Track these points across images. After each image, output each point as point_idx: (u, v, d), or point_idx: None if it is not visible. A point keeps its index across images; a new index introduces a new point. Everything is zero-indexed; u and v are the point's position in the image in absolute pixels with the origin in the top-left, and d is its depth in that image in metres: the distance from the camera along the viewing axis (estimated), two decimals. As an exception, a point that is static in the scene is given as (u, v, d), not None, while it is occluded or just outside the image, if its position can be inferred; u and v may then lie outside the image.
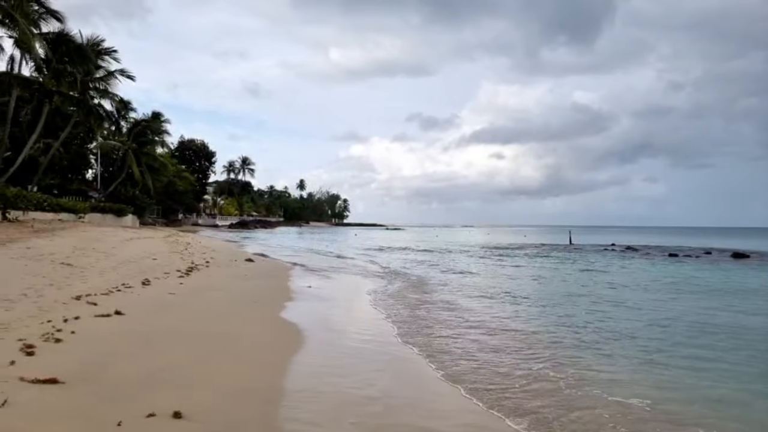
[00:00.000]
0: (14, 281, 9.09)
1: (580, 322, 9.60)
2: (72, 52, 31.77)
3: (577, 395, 5.38)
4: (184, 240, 29.05)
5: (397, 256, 29.98)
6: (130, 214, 47.62)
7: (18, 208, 25.54)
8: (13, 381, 4.31)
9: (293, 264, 20.62)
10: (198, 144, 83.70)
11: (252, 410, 4.33)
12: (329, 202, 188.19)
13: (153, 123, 53.60)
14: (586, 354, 7.18)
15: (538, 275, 19.74)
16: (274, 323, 8.19)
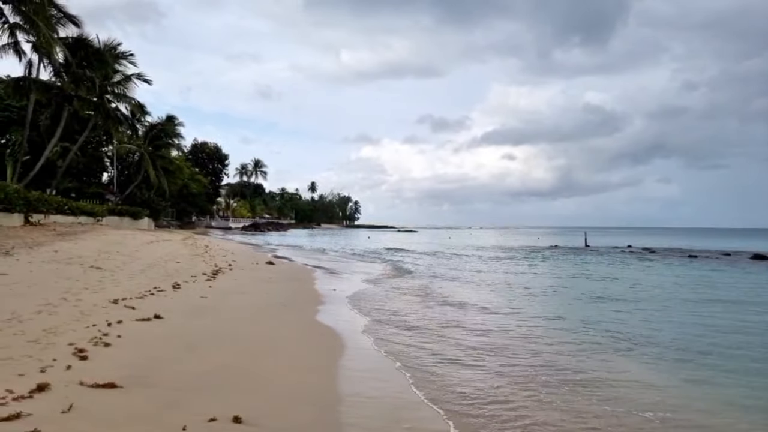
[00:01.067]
0: (51, 285, 9.19)
1: (638, 336, 8.63)
2: (90, 57, 32.13)
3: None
4: (202, 243, 29.23)
5: (415, 260, 29.91)
6: (145, 216, 48.08)
7: (39, 212, 25.83)
8: (73, 386, 4.36)
9: (314, 267, 20.67)
10: (211, 147, 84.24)
11: (310, 415, 4.34)
12: (340, 204, 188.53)
13: (167, 126, 54.03)
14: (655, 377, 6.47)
15: (569, 283, 18.54)
16: (311, 327, 8.21)
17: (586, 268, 24.08)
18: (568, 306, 12.33)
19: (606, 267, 25.14)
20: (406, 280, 17.81)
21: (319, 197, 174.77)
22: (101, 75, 33.71)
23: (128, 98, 37.17)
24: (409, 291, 14.43)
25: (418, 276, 19.27)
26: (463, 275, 19.61)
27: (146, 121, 50.89)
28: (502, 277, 19.73)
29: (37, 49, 31.23)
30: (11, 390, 4.06)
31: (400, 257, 30.87)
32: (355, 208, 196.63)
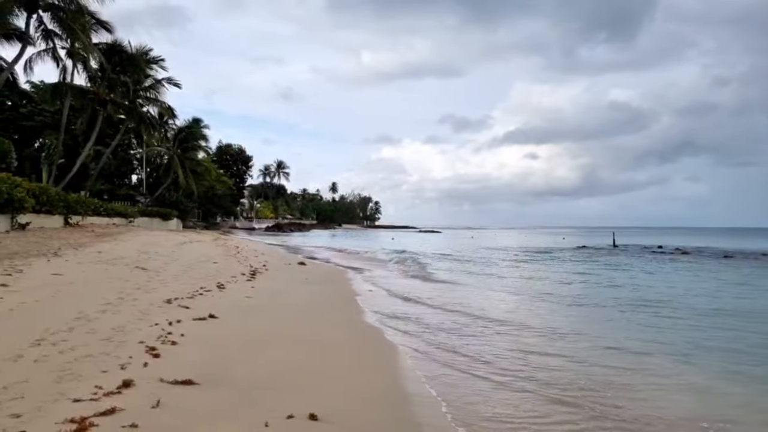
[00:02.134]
0: (105, 285, 9.52)
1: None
2: (124, 62, 32.99)
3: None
4: (232, 243, 29.71)
5: (441, 260, 29.92)
6: (174, 218, 49.04)
7: (77, 213, 26.59)
8: (155, 382, 4.56)
9: (345, 267, 20.87)
10: (235, 149, 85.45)
11: (383, 413, 4.47)
12: (360, 204, 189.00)
13: (194, 128, 55.02)
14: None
15: (610, 284, 17.65)
16: (359, 327, 8.36)
17: (623, 271, 23.73)
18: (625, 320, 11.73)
19: (641, 269, 24.73)
20: (434, 282, 17.88)
21: (339, 198, 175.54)
22: (134, 80, 34.56)
23: (159, 102, 38.02)
24: (439, 292, 14.50)
25: (448, 276, 19.31)
26: (501, 282, 19.48)
27: (174, 124, 52.01)
28: (547, 285, 19.60)
29: (72, 55, 32.23)
30: (100, 386, 4.28)
31: (425, 257, 30.90)
32: (375, 208, 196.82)
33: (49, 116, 40.32)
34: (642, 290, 15.72)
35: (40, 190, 21.30)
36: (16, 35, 29.29)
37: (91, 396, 4.07)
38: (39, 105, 41.02)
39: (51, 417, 3.61)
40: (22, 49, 27.95)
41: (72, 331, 5.90)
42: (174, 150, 50.83)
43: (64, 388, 4.17)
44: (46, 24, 29.34)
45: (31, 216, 19.32)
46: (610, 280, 19.03)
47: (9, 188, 17.07)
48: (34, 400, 3.87)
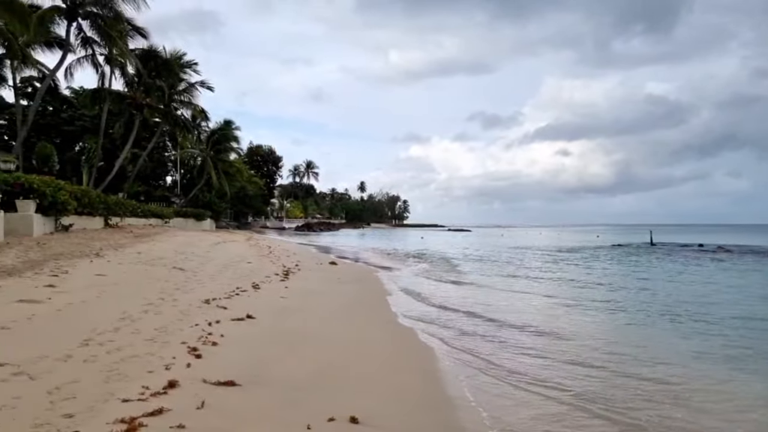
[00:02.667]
0: (146, 286, 9.78)
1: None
2: (159, 67, 33.87)
3: None
4: (264, 243, 30.15)
5: (474, 265, 29.67)
6: (208, 218, 50.04)
7: (116, 215, 27.39)
8: (198, 383, 4.65)
9: (376, 267, 20.95)
10: (266, 150, 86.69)
11: (424, 417, 4.46)
12: (389, 203, 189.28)
13: (226, 130, 56.04)
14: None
15: (650, 286, 17.11)
16: (394, 328, 8.37)
17: (663, 272, 23.06)
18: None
19: (682, 269, 23.91)
20: (465, 284, 17.75)
21: (368, 197, 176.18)
22: (169, 84, 35.43)
23: (192, 105, 38.89)
24: (470, 294, 14.38)
25: (480, 278, 19.14)
26: (535, 284, 19.20)
27: (207, 127, 53.09)
28: (585, 289, 19.24)
29: (110, 61, 33.25)
30: (147, 386, 4.39)
31: (455, 257, 30.71)
32: (404, 207, 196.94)
33: (88, 121, 41.75)
34: (684, 292, 15.22)
35: (81, 192, 21.99)
36: (57, 43, 30.42)
37: (139, 396, 4.18)
38: (79, 110, 42.52)
39: (102, 417, 3.72)
40: (63, 56, 28.99)
41: (117, 332, 6.07)
42: (207, 152, 51.90)
43: (112, 388, 4.29)
44: (85, 31, 30.38)
45: (73, 218, 19.97)
46: (650, 281, 18.50)
47: (53, 191, 17.68)
48: (85, 400, 3.99)
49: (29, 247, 12.82)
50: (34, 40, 28.23)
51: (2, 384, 4.16)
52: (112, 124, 39.01)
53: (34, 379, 4.34)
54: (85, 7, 28.34)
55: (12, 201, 15.81)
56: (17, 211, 15.93)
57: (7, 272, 9.40)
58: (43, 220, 17.22)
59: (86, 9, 28.58)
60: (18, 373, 4.43)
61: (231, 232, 46.39)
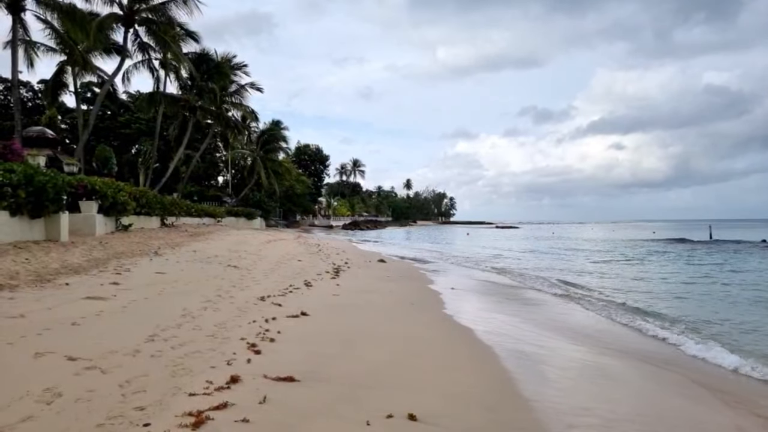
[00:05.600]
0: (204, 283, 10.08)
1: None
2: (211, 70, 34.91)
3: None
4: (313, 242, 30.58)
5: (520, 254, 29.11)
6: (258, 217, 51.26)
7: (172, 215, 28.45)
8: (259, 378, 4.72)
9: (423, 264, 20.86)
10: (313, 149, 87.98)
11: (486, 416, 4.35)
12: (435, 200, 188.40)
13: (275, 131, 57.21)
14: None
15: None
16: (450, 326, 8.25)
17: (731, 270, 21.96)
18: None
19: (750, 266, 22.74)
20: (516, 286, 17.40)
21: (414, 194, 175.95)
22: (220, 86, 36.47)
23: (243, 106, 39.89)
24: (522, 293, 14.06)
25: (531, 274, 18.74)
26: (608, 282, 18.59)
27: (257, 127, 54.37)
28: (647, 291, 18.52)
29: (165, 66, 34.54)
30: (211, 381, 4.49)
31: (505, 254, 30.20)
32: (450, 204, 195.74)
33: (144, 124, 43.60)
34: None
35: (140, 193, 22.97)
36: (115, 49, 31.88)
37: (204, 390, 4.27)
38: (135, 113, 44.43)
39: (171, 410, 3.82)
40: (121, 61, 30.33)
41: (180, 328, 6.26)
42: (257, 152, 53.19)
43: (179, 383, 4.41)
44: (141, 37, 31.65)
45: (132, 218, 20.88)
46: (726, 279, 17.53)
47: (113, 192, 18.52)
48: (155, 394, 4.11)
49: (93, 246, 13.46)
50: (94, 46, 29.66)
51: (76, 378, 4.35)
52: (167, 127, 40.56)
53: (106, 373, 4.52)
54: (140, 14, 29.54)
55: (76, 202, 16.64)
56: (80, 212, 16.77)
57: (74, 270, 9.89)
58: (105, 220, 18.06)
59: (142, 15, 29.77)
60: (90, 367, 4.62)
61: (280, 231, 47.37)
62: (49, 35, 28.99)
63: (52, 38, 29.31)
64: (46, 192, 12.86)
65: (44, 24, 27.73)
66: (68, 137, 43.33)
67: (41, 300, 7.24)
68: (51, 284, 8.42)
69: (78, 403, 3.83)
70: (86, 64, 29.89)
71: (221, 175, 60.79)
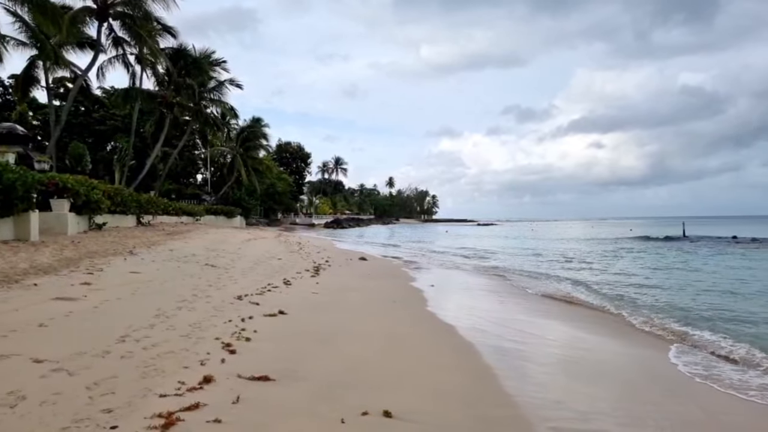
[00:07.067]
0: (179, 282, 9.89)
1: None
2: (189, 65, 34.36)
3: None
4: (294, 240, 30.35)
5: (493, 248, 29.35)
6: (238, 215, 50.72)
7: (149, 213, 27.96)
8: (233, 378, 4.62)
9: (404, 262, 20.85)
10: (294, 147, 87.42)
11: (460, 412, 4.33)
12: (418, 198, 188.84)
13: (256, 128, 56.64)
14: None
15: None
16: (431, 324, 8.21)
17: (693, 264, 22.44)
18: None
19: (718, 262, 23.28)
20: (493, 276, 17.51)
21: (397, 192, 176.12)
22: (198, 82, 35.95)
23: (222, 103, 39.38)
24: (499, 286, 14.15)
25: (506, 265, 18.87)
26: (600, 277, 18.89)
27: (237, 124, 53.79)
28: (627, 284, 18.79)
29: (141, 61, 33.88)
30: (183, 382, 4.38)
31: (485, 252, 30.41)
32: (432, 202, 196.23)
33: (119, 120, 42.77)
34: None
35: (114, 191, 22.51)
36: (89, 43, 31.15)
37: (176, 391, 4.17)
38: (110, 110, 43.55)
39: (140, 412, 3.71)
40: (95, 56, 29.65)
41: (153, 328, 6.11)
42: (236, 149, 52.58)
43: (150, 384, 4.29)
44: (116, 31, 31.01)
45: (106, 216, 20.45)
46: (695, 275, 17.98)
47: (87, 190, 18.10)
48: (123, 395, 3.99)
49: (64, 246, 13.13)
50: (66, 40, 28.93)
51: (42, 380, 4.21)
52: (143, 123, 39.84)
53: (73, 375, 4.38)
54: (115, 8, 28.92)
55: (47, 200, 16.23)
56: (52, 211, 16.36)
57: (44, 270, 9.62)
58: (77, 219, 17.65)
59: (116, 9, 29.15)
60: (57, 369, 4.48)
61: (261, 229, 46.94)
62: (20, 29, 28.16)
63: (23, 32, 28.48)
64: (15, 190, 12.49)
65: (14, 17, 26.94)
66: (40, 134, 42.24)
67: (8, 301, 7.02)
68: (19, 285, 8.16)
69: (43, 406, 3.70)
70: (58, 58, 29.09)
71: (200, 172, 60.01)
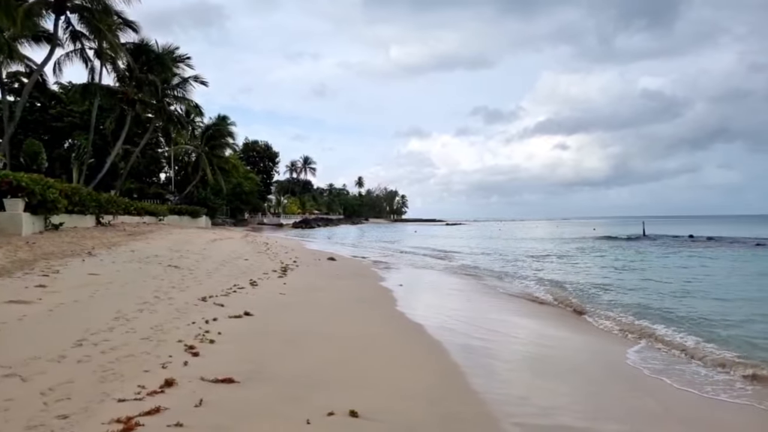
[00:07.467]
0: (141, 284, 9.64)
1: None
2: (152, 61, 33.46)
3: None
4: (261, 240, 29.97)
5: (472, 259, 29.69)
6: (203, 215, 49.75)
7: (109, 213, 27.13)
8: (196, 381, 4.53)
9: (373, 262, 20.86)
10: (262, 146, 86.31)
11: (426, 410, 4.35)
12: (387, 198, 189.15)
13: (221, 126, 55.66)
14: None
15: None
16: (399, 323, 8.22)
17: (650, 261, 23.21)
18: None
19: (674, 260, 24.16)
20: (466, 276, 17.71)
21: (366, 192, 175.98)
22: (161, 79, 35.06)
23: (187, 100, 38.55)
24: (472, 286, 14.33)
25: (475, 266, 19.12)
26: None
27: (202, 122, 52.73)
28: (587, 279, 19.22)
29: (100, 56, 32.82)
30: (143, 386, 4.27)
31: (453, 251, 30.71)
32: (402, 202, 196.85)
33: (78, 117, 41.31)
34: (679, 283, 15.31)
35: (72, 190, 21.73)
36: (45, 37, 29.98)
37: (135, 396, 4.06)
38: (68, 106, 42.02)
39: (98, 417, 3.60)
40: (51, 50, 28.52)
41: (112, 331, 5.94)
42: (202, 148, 51.55)
43: (108, 388, 4.17)
44: (73, 25, 29.95)
45: (64, 216, 19.72)
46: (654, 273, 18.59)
47: (42, 189, 17.42)
48: (80, 401, 3.87)
49: (18, 247, 12.62)
50: (21, 34, 27.79)
51: (-7, 386, 4.04)
52: (103, 120, 38.60)
53: (27, 380, 4.22)
54: (73, 0, 27.92)
55: (0, 200, 15.59)
56: (5, 210, 15.72)
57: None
58: (32, 219, 16.98)
59: (74, 2, 28.16)
60: (9, 374, 4.31)
61: (227, 229, 46.19)
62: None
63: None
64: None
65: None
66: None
67: (-43, 305, 6.70)
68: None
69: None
70: (12, 52, 27.89)
71: (163, 171, 58.50)
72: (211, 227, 47.91)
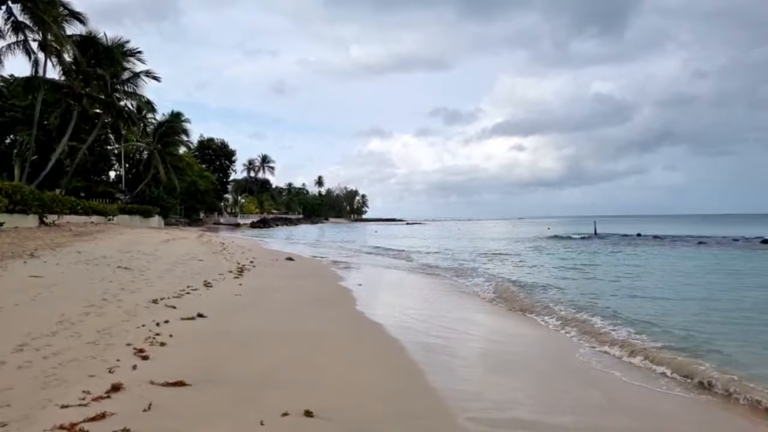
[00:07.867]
0: (87, 287, 9.27)
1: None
2: (100, 54, 32.17)
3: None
4: (217, 240, 29.33)
5: (431, 259, 29.96)
6: (156, 215, 48.26)
7: (53, 212, 25.98)
8: (145, 385, 4.41)
9: (332, 262, 20.76)
10: (218, 143, 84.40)
11: (380, 407, 4.37)
12: (347, 198, 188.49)
13: (175, 123, 54.10)
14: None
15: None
16: (357, 322, 8.22)
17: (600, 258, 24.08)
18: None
19: (624, 258, 25.15)
20: (422, 271, 17.88)
21: (326, 192, 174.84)
22: (110, 73, 33.75)
23: (138, 96, 37.25)
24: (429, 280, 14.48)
25: (438, 264, 19.33)
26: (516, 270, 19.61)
27: (153, 119, 51.10)
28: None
29: (45, 48, 31.30)
30: (88, 391, 4.12)
31: (413, 251, 30.94)
32: (362, 202, 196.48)
33: (20, 111, 39.22)
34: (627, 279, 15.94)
35: (13, 188, 20.72)
36: (-16, 29, 28.37)
37: (80, 401, 3.91)
38: (9, 100, 39.87)
39: (39, 424, 3.46)
40: (-8, 42, 27.06)
41: (55, 336, 5.69)
42: (154, 145, 49.96)
43: (50, 394, 4.00)
44: (15, 15, 28.46)
45: (4, 216, 18.80)
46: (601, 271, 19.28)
47: (-18, 187, 16.53)
48: (20, 408, 3.69)
49: (-45, 248, 11.92)
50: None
51: None
52: (48, 116, 36.79)
53: (-40, 388, 3.99)
54: (15, -10, 26.56)
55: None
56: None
57: (-69, 274, 8.68)
58: (-31, 219, 16.08)
59: (17, -8, 26.79)
60: (-59, 382, 4.06)
61: (181, 229, 44.97)
62: None
63: None
64: None
65: None
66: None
67: None
68: None
69: None
70: (-52, 42, 26.34)
71: (113, 169, 56.26)
72: (164, 227, 46.54)
